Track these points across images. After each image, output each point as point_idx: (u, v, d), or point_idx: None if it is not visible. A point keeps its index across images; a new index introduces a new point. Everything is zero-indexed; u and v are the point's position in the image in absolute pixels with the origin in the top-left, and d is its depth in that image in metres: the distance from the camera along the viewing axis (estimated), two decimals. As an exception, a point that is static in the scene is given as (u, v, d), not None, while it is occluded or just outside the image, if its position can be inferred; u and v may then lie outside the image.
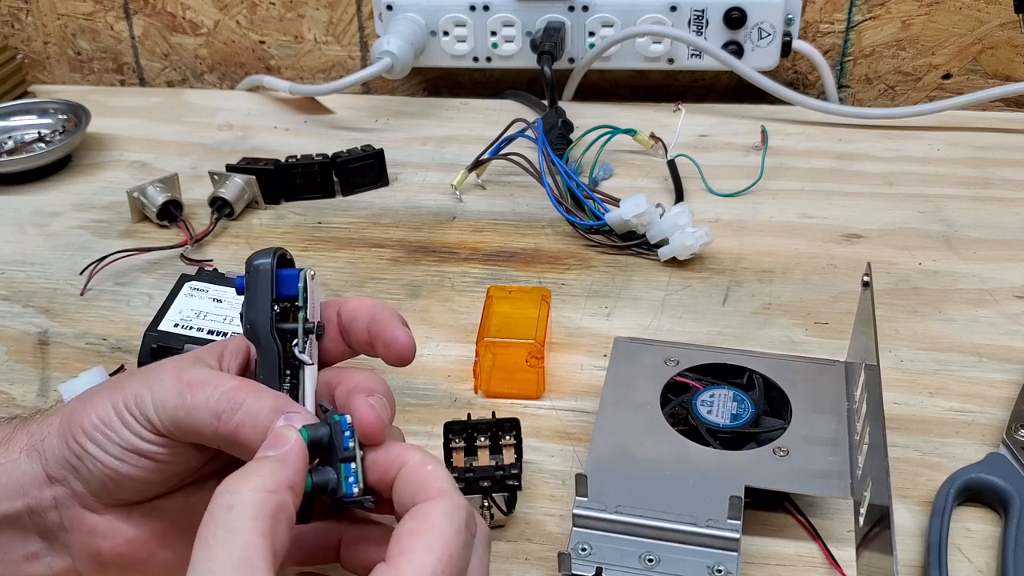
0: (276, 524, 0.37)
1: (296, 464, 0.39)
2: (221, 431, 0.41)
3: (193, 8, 1.05)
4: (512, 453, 0.52)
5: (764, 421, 0.56)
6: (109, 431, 0.42)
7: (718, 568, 0.48)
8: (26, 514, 0.43)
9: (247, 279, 0.44)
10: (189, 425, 0.41)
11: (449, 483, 0.40)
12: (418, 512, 0.39)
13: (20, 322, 0.71)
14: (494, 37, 0.95)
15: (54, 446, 0.43)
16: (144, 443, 0.42)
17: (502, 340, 0.61)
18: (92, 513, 0.43)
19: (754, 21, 0.91)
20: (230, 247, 0.78)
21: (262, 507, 0.37)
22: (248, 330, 0.44)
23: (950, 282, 0.71)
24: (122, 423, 0.42)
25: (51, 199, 0.86)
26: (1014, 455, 0.54)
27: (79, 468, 0.42)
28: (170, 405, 0.41)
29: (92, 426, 0.42)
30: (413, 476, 0.40)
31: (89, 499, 0.43)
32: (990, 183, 0.82)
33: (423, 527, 0.38)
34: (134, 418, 0.42)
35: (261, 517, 0.36)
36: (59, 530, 0.43)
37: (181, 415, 0.41)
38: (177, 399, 0.41)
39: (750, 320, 0.68)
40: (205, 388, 0.41)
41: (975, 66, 0.96)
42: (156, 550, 0.44)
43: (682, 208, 0.73)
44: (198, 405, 0.41)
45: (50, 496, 0.43)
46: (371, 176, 0.85)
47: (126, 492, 0.43)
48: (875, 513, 0.47)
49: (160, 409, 0.41)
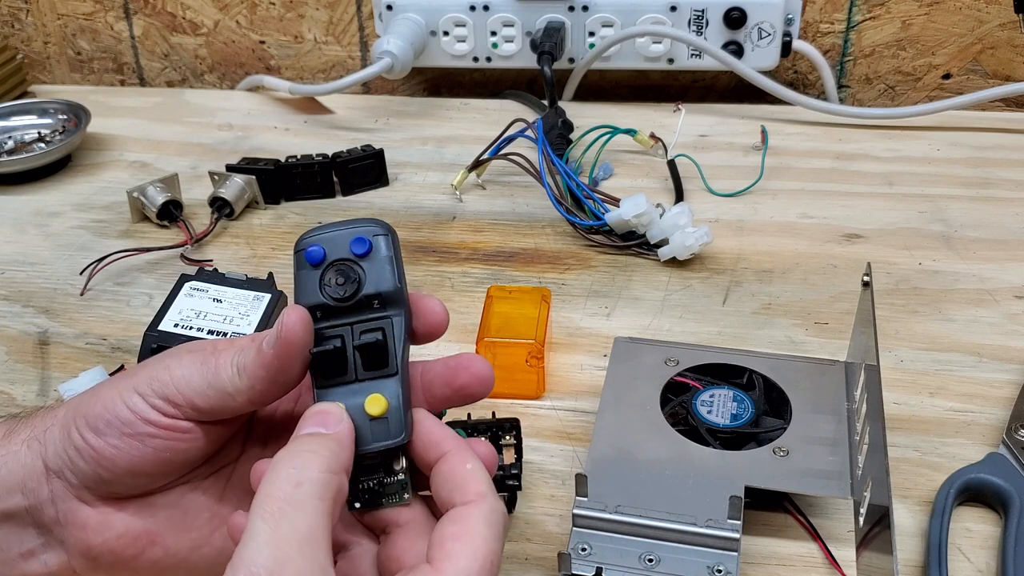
0: (335, 506, 0.38)
1: (350, 448, 0.40)
2: (241, 383, 0.41)
3: (193, 8, 1.05)
4: (512, 453, 0.52)
5: (764, 421, 0.56)
6: (112, 417, 0.42)
7: (718, 568, 0.48)
8: (24, 510, 0.43)
9: (371, 250, 0.42)
10: (217, 387, 0.41)
11: (487, 485, 0.40)
12: (459, 516, 0.39)
13: (20, 322, 0.71)
14: (494, 37, 0.95)
15: (55, 436, 0.43)
16: (149, 426, 0.41)
17: (502, 340, 0.61)
18: (85, 505, 0.43)
19: (754, 21, 0.91)
20: (230, 247, 0.78)
21: (327, 488, 0.37)
22: (378, 296, 0.41)
23: (950, 282, 0.71)
24: (129, 409, 0.41)
25: (51, 199, 0.86)
26: (1014, 455, 0.54)
27: (76, 459, 0.42)
28: (196, 378, 0.41)
29: (96, 414, 0.42)
30: (453, 473, 0.41)
31: (83, 491, 0.43)
32: (990, 183, 0.82)
33: (465, 532, 0.38)
34: (146, 401, 0.42)
35: (327, 498, 0.37)
36: (54, 525, 0.43)
37: (210, 378, 0.41)
38: (202, 367, 0.42)
39: (750, 320, 0.68)
40: (232, 344, 0.42)
41: (975, 66, 0.96)
42: (146, 547, 0.44)
43: (682, 208, 0.73)
44: (220, 369, 0.42)
45: (47, 490, 0.43)
46: (371, 176, 0.85)
47: (122, 484, 0.43)
48: (875, 513, 0.47)
49: (184, 384, 0.41)
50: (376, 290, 0.41)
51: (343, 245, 0.42)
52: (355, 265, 0.42)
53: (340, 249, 0.42)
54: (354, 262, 0.42)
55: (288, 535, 0.36)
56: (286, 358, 0.41)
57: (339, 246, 0.42)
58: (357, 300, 0.41)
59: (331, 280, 0.42)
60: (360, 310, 0.41)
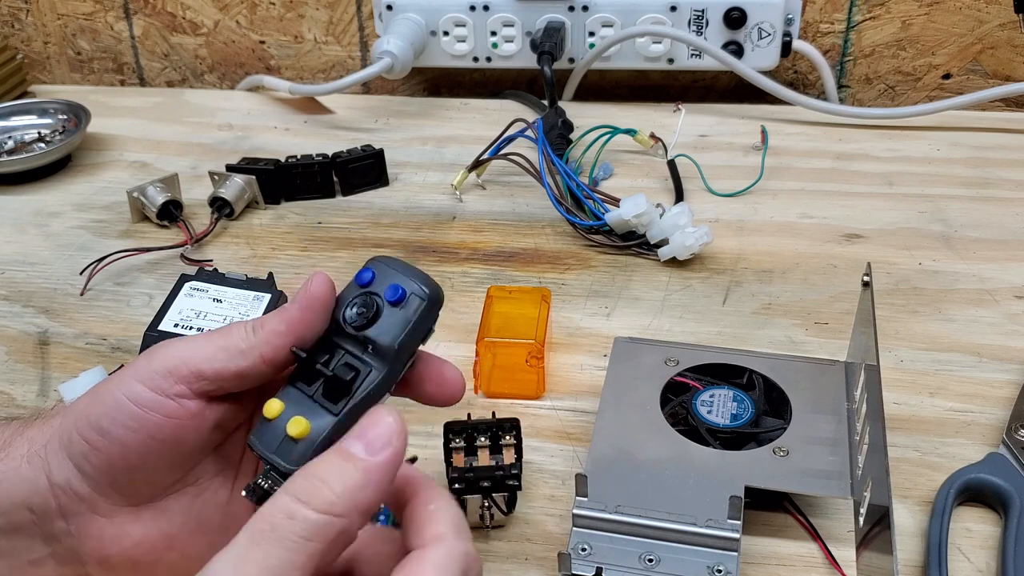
0: (329, 548, 0.35)
1: (387, 478, 0.37)
2: (255, 332, 0.42)
3: (193, 8, 1.05)
4: (512, 453, 0.52)
5: (764, 421, 0.56)
6: (116, 413, 0.41)
7: (718, 568, 0.48)
8: (31, 522, 0.43)
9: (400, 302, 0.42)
10: (225, 348, 0.41)
11: (449, 526, 0.38)
12: (409, 560, 0.37)
13: (20, 322, 0.71)
14: (494, 37, 0.95)
15: (56, 449, 0.42)
16: (154, 414, 0.41)
17: (502, 340, 0.61)
18: (99, 517, 0.43)
19: (754, 21, 0.91)
20: (230, 247, 0.78)
21: (323, 529, 0.35)
22: (388, 349, 0.42)
23: (950, 282, 0.71)
24: (132, 401, 0.41)
25: (51, 199, 0.86)
26: (1014, 455, 0.54)
27: (83, 466, 0.42)
28: (204, 344, 0.42)
29: (98, 414, 0.41)
30: (414, 515, 0.39)
31: (97, 501, 0.42)
32: (990, 183, 0.82)
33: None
34: (147, 386, 0.41)
35: (318, 539, 0.35)
36: (65, 536, 0.43)
37: (219, 341, 0.42)
38: (211, 335, 0.42)
39: (750, 320, 0.68)
40: (234, 325, 0.43)
41: (975, 66, 0.96)
42: (163, 552, 0.43)
43: (682, 208, 0.73)
44: (232, 330, 0.42)
45: (55, 504, 0.42)
46: (371, 176, 0.85)
47: (133, 483, 0.42)
48: (875, 513, 0.47)
49: (189, 354, 0.41)
50: (375, 337, 0.42)
51: (386, 284, 0.43)
52: (379, 306, 0.42)
53: (381, 285, 0.43)
54: (380, 303, 0.42)
55: (258, 561, 0.34)
56: (310, 311, 0.41)
57: (383, 283, 0.43)
58: (357, 335, 0.42)
59: (355, 304, 0.43)
60: (355, 344, 0.42)
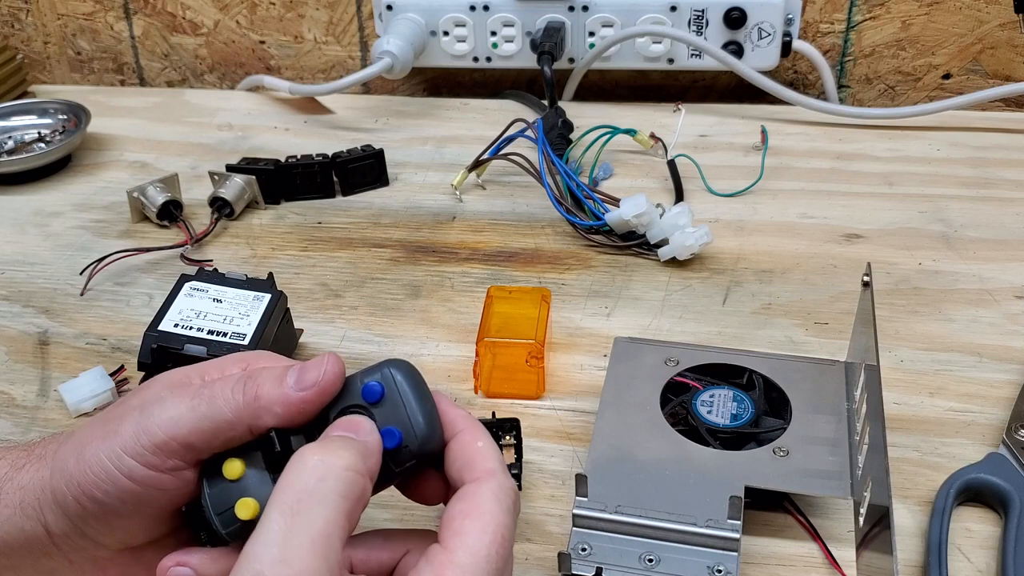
0: (356, 508, 0.37)
1: (378, 456, 0.39)
2: (245, 402, 0.40)
3: (193, 8, 1.05)
4: (512, 453, 0.52)
5: (764, 421, 0.56)
6: (111, 487, 0.40)
7: (718, 568, 0.48)
8: (30, 564, 0.43)
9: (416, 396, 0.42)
10: (210, 419, 0.40)
11: (497, 462, 0.40)
12: (467, 493, 0.39)
13: (20, 322, 0.71)
14: (494, 37, 0.95)
15: (51, 506, 0.41)
16: (150, 489, 0.40)
17: (502, 340, 0.61)
18: (105, 560, 0.42)
19: (754, 21, 0.91)
20: (230, 247, 0.78)
21: (352, 486, 0.37)
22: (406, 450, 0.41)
23: (950, 282, 0.71)
24: (126, 477, 0.40)
25: (51, 199, 0.86)
26: (1014, 455, 0.54)
27: (82, 526, 0.41)
28: (186, 416, 0.40)
29: (91, 483, 0.40)
30: (464, 451, 0.41)
31: (100, 549, 0.42)
32: (990, 183, 0.82)
33: (474, 509, 0.38)
34: (140, 463, 0.40)
35: (350, 497, 0.36)
36: (67, 571, 0.43)
37: (203, 410, 0.40)
38: (192, 401, 0.40)
39: (750, 320, 0.68)
40: (220, 380, 0.41)
41: (975, 66, 0.96)
42: None
43: (682, 208, 0.73)
44: (216, 394, 0.40)
45: (56, 550, 0.42)
46: (371, 176, 0.85)
47: (134, 536, 0.42)
48: (875, 513, 0.47)
49: (174, 427, 0.40)
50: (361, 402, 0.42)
51: (387, 418, 0.41)
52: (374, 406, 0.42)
53: (384, 414, 0.41)
54: (367, 405, 0.42)
55: (302, 530, 0.35)
56: (310, 404, 0.40)
57: (386, 413, 0.41)
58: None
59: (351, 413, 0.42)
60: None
